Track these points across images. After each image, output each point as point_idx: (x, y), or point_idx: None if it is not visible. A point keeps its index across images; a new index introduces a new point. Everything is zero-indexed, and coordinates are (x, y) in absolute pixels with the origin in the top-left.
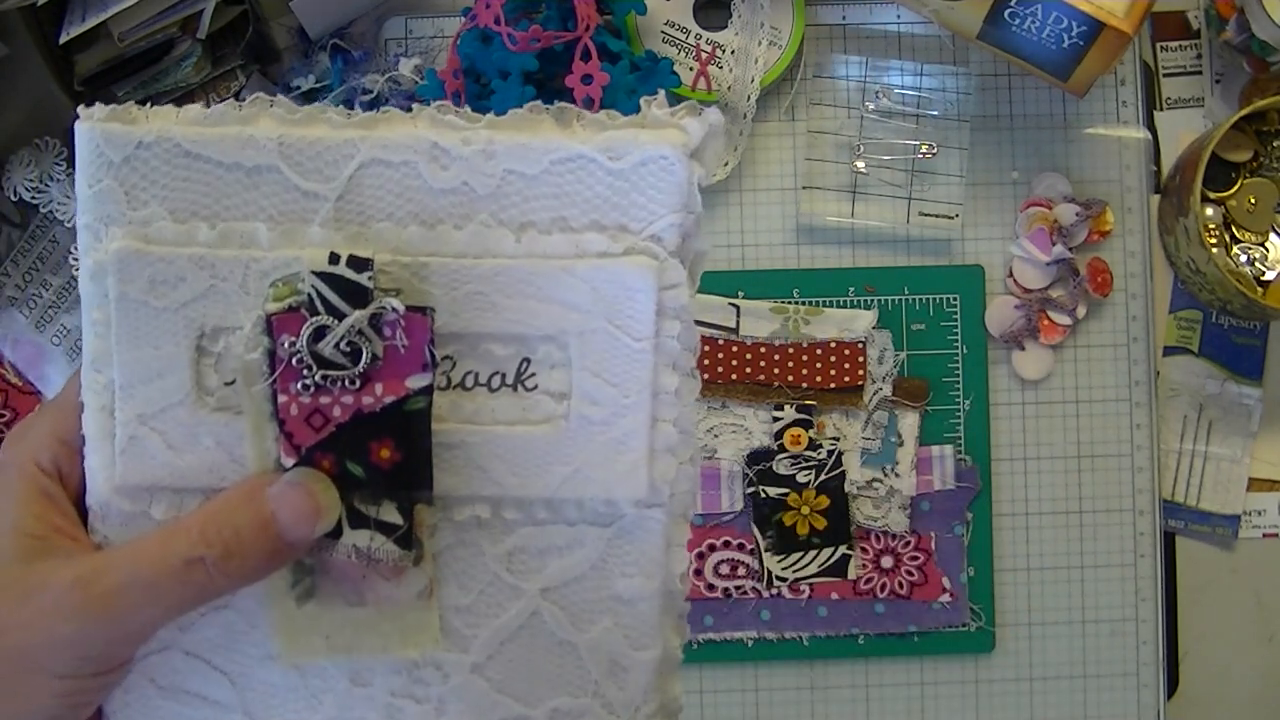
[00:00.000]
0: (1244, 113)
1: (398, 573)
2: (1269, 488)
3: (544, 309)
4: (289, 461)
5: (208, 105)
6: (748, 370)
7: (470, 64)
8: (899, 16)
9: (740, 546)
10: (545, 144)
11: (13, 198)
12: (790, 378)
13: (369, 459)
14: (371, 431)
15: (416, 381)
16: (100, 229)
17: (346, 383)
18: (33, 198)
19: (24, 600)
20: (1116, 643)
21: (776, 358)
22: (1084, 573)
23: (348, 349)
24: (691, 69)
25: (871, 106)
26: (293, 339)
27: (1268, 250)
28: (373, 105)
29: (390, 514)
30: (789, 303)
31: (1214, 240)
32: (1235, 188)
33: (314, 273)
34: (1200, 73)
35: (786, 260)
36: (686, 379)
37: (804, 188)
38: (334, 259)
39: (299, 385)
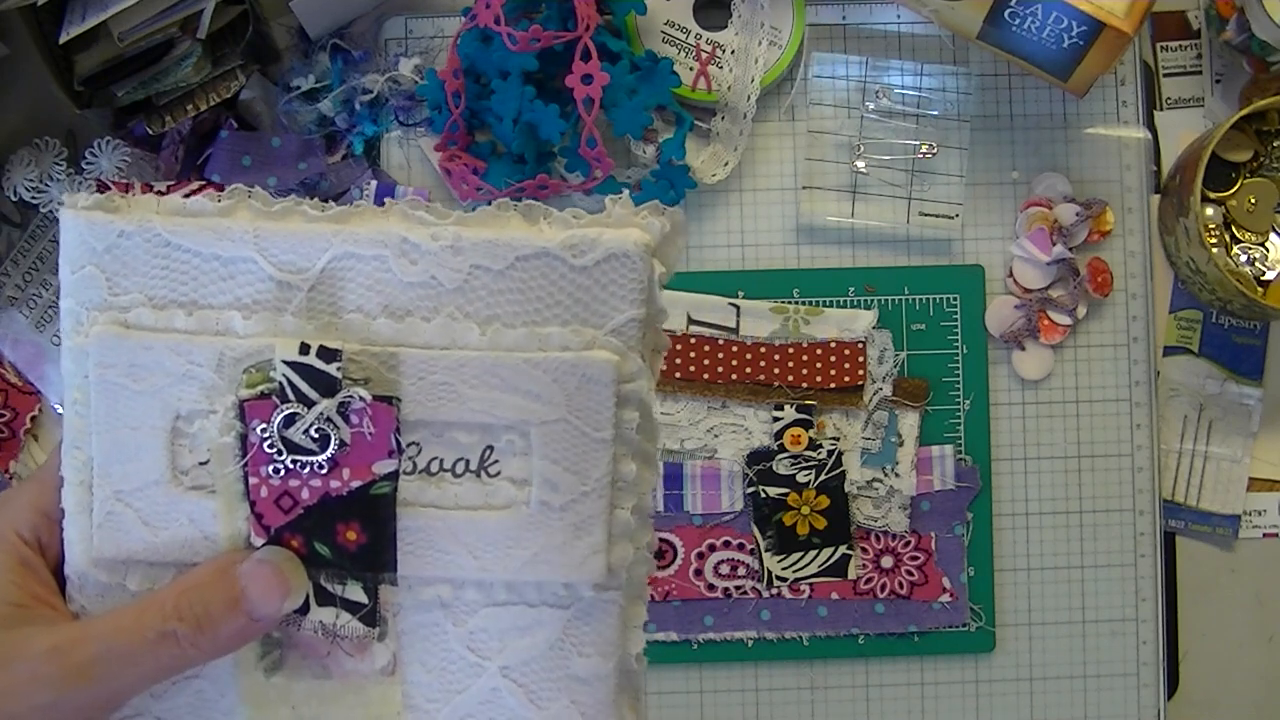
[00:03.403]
0: (1244, 113)
1: (362, 648)
2: (1269, 488)
3: (507, 399)
4: (259, 541)
5: (208, 104)
6: (748, 370)
7: (470, 64)
8: (899, 16)
9: (740, 546)
10: (511, 241)
11: (13, 198)
12: (790, 378)
13: (336, 540)
14: (339, 514)
15: (382, 467)
16: (82, 313)
17: (315, 467)
18: (33, 198)
19: (2, 667)
20: (1116, 643)
21: (776, 358)
22: (1084, 573)
23: (317, 435)
24: (691, 69)
25: (871, 106)
26: (264, 424)
27: (1268, 250)
28: (373, 105)
29: (356, 593)
30: (789, 303)
31: (1214, 240)
32: (1235, 188)
33: (285, 362)
34: (1200, 73)
35: (786, 260)
36: (645, 467)
37: (804, 188)
38: (304, 349)
39: (269, 469)
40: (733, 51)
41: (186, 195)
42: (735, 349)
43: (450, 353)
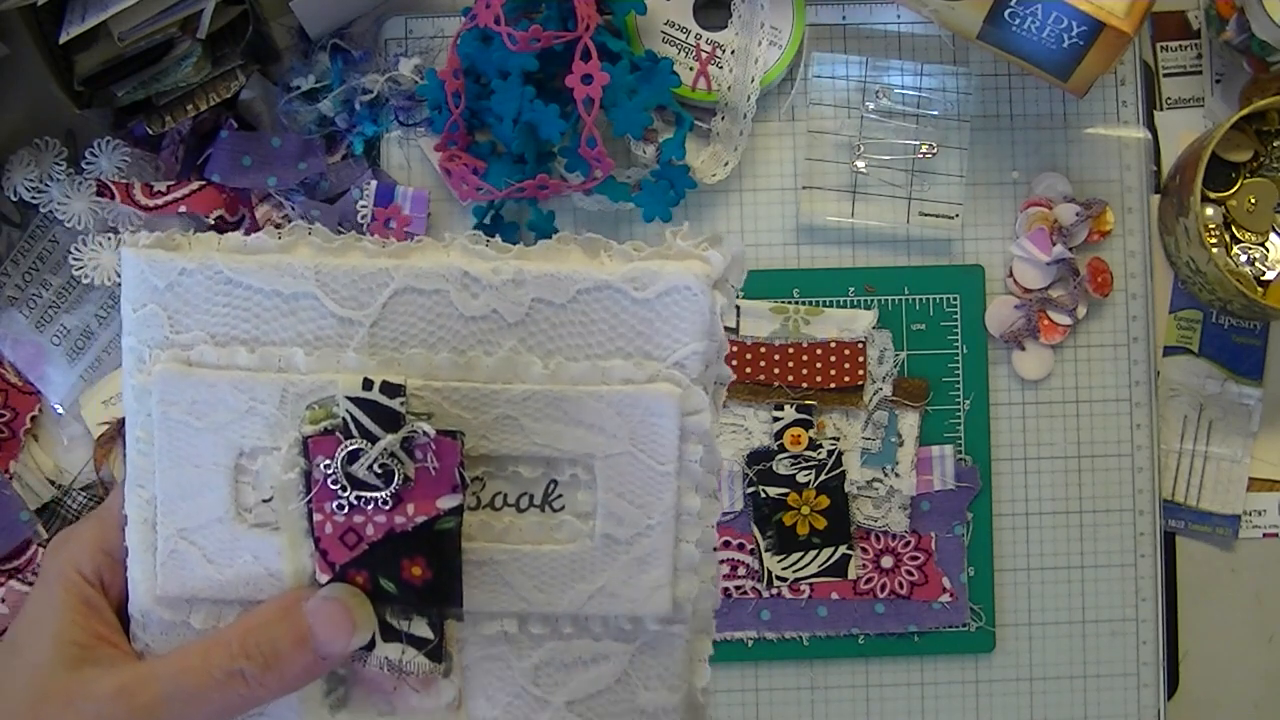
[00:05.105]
0: (1244, 113)
1: (428, 684)
2: (1269, 488)
3: (570, 433)
4: (324, 577)
5: (208, 104)
6: (748, 370)
7: (470, 64)
8: (899, 16)
9: (740, 546)
10: (572, 274)
11: (13, 198)
12: (790, 378)
13: (401, 576)
14: (404, 550)
15: (447, 502)
16: (144, 351)
17: (379, 503)
18: (33, 198)
19: (68, 708)
20: (1116, 643)
21: (776, 358)
22: (1084, 573)
23: (381, 470)
24: (691, 69)
25: (871, 106)
26: (328, 461)
27: (1268, 250)
28: (373, 105)
29: (421, 628)
30: (789, 303)
31: (1214, 240)
32: (1235, 188)
33: (349, 398)
34: (1200, 73)
35: (786, 260)
36: (708, 500)
37: (804, 188)
38: (368, 385)
39: (334, 505)
40: (733, 51)
41: (186, 195)
42: (735, 349)
43: (513, 387)
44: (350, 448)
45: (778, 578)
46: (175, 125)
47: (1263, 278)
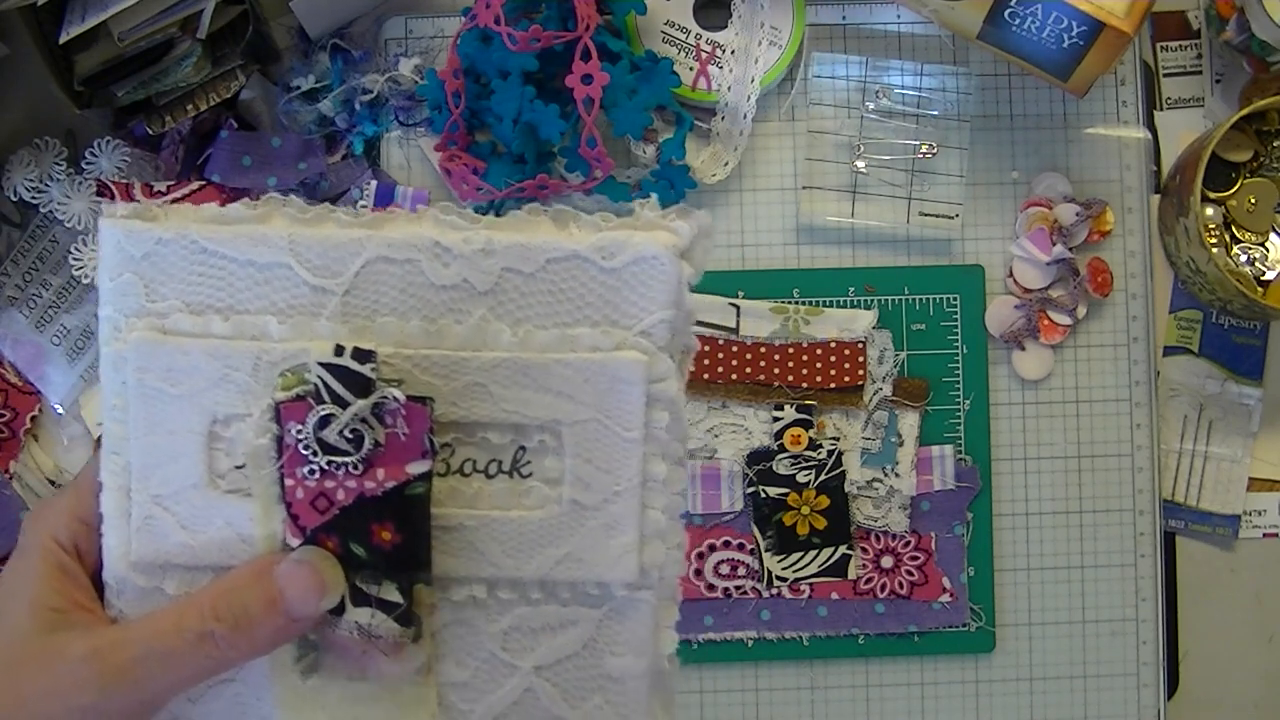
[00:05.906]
0: (1244, 113)
1: (397, 649)
2: (1269, 488)
3: (539, 400)
4: (295, 542)
5: (208, 104)
6: (748, 370)
7: (470, 64)
8: (899, 16)
9: (740, 546)
10: (542, 244)
11: (13, 198)
12: (790, 378)
13: (371, 540)
14: (373, 514)
15: (416, 468)
16: (120, 320)
17: (350, 468)
18: (33, 198)
19: (43, 671)
20: (1116, 643)
21: (776, 358)
22: (1084, 573)
23: (351, 436)
24: (691, 69)
25: (871, 106)
26: (299, 426)
27: (1268, 250)
28: (373, 105)
29: (391, 593)
30: (789, 303)
31: (1214, 240)
32: (1235, 188)
33: (320, 364)
34: (1200, 73)
35: (786, 260)
36: (674, 467)
37: (804, 188)
38: (339, 351)
39: (305, 470)
40: (733, 51)
41: (186, 195)
42: (735, 349)
43: (482, 354)
44: (322, 413)
45: (778, 578)
46: (175, 125)
47: (1263, 278)
